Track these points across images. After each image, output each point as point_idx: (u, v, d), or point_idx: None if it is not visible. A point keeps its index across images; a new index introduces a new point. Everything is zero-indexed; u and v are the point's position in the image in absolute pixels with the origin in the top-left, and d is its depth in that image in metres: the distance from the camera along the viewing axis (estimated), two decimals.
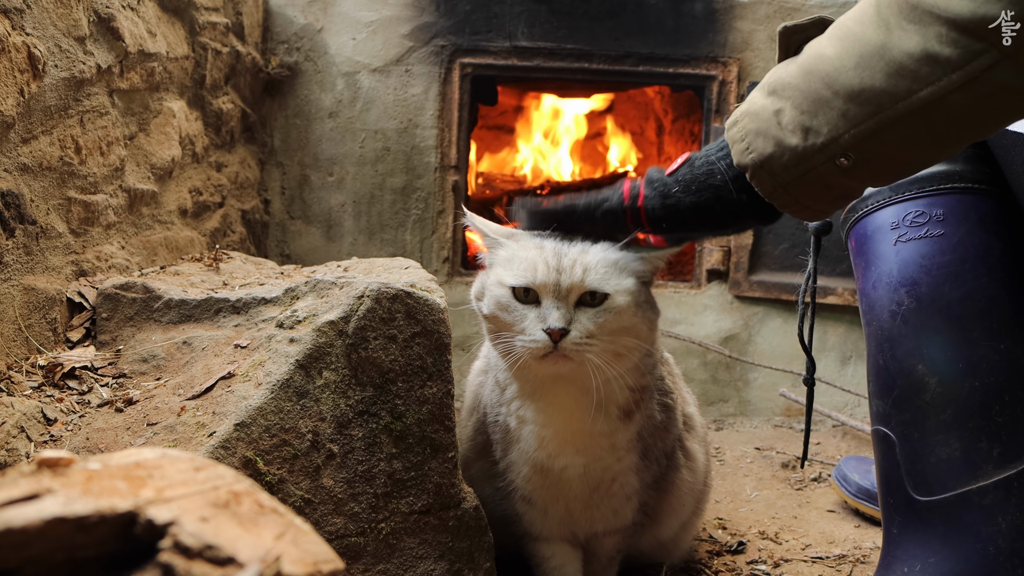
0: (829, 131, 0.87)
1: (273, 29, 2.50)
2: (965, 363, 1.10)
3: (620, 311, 1.07)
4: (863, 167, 0.89)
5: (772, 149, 0.91)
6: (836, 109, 0.87)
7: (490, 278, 1.12)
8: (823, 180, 0.91)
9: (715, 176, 0.99)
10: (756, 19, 2.45)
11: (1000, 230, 1.16)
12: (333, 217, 2.55)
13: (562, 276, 1.05)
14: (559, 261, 1.06)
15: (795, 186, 0.92)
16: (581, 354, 1.05)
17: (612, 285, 1.06)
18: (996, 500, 1.06)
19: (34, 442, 1.09)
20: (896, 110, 0.84)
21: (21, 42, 1.24)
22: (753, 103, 0.95)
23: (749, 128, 0.94)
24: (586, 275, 1.05)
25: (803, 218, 0.98)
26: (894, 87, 0.83)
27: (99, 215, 1.54)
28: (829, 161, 0.89)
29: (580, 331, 1.05)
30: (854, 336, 2.41)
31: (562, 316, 1.05)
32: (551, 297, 1.06)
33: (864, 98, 0.85)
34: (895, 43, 0.83)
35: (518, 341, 1.07)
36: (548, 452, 1.18)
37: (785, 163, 0.91)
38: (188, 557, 0.44)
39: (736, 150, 0.96)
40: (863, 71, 0.85)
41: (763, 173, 0.93)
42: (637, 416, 1.17)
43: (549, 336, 1.04)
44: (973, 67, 0.80)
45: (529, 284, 1.07)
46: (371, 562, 1.12)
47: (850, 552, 1.56)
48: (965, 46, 0.79)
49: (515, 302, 1.08)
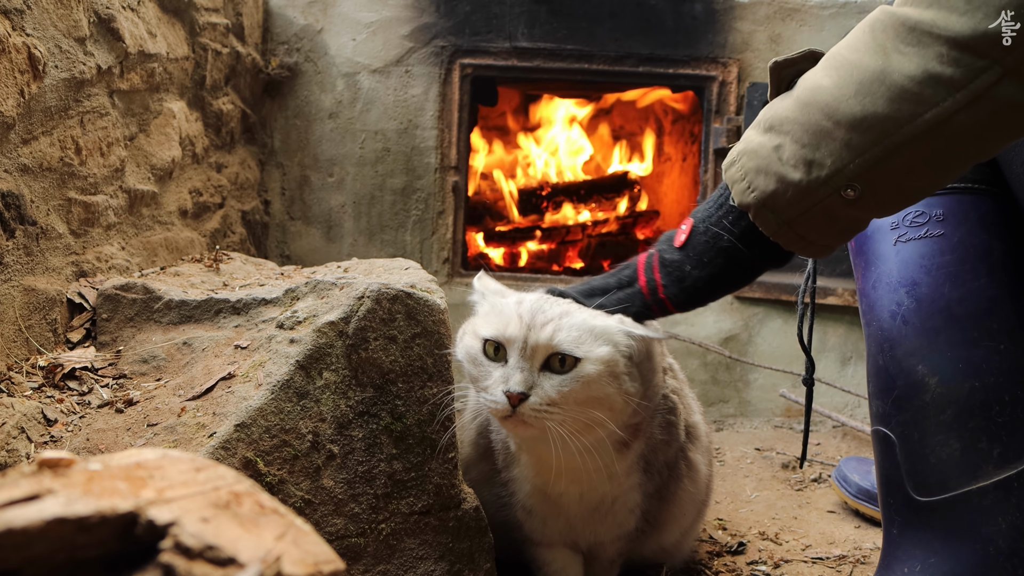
0: (833, 162, 0.85)
1: (273, 30, 2.51)
2: (965, 363, 1.10)
3: (589, 380, 0.99)
4: (869, 197, 0.87)
5: (775, 186, 0.89)
6: (839, 140, 0.85)
7: (469, 326, 1.09)
8: (829, 213, 0.88)
9: (722, 239, 0.96)
10: (756, 19, 2.45)
11: (1000, 230, 1.16)
12: (333, 218, 2.55)
13: (531, 333, 0.99)
14: (533, 318, 1.00)
15: (800, 222, 0.90)
16: (540, 421, 0.98)
17: (583, 350, 0.99)
18: (996, 500, 1.06)
19: (34, 443, 1.09)
20: (901, 135, 0.82)
21: (21, 43, 1.25)
22: (750, 141, 0.93)
23: (749, 167, 0.91)
24: (555, 335, 0.98)
25: (809, 255, 0.95)
26: (897, 112, 0.82)
27: (99, 216, 1.54)
28: (835, 193, 0.87)
29: (540, 397, 0.98)
30: (854, 336, 2.41)
31: (523, 379, 0.98)
32: (517, 356, 0.99)
33: (867, 125, 0.83)
34: (895, 67, 0.82)
35: (481, 398, 1.03)
36: (544, 479, 1.17)
37: (789, 199, 0.89)
38: (189, 557, 0.44)
39: (737, 190, 0.93)
40: (864, 98, 0.83)
41: (766, 211, 0.91)
42: (636, 444, 1.14)
43: (508, 399, 0.98)
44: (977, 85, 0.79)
45: (498, 337, 1.01)
46: (371, 563, 1.12)
47: (850, 553, 1.56)
48: (967, 64, 0.78)
49: (483, 357, 1.03)
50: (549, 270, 2.85)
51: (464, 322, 1.14)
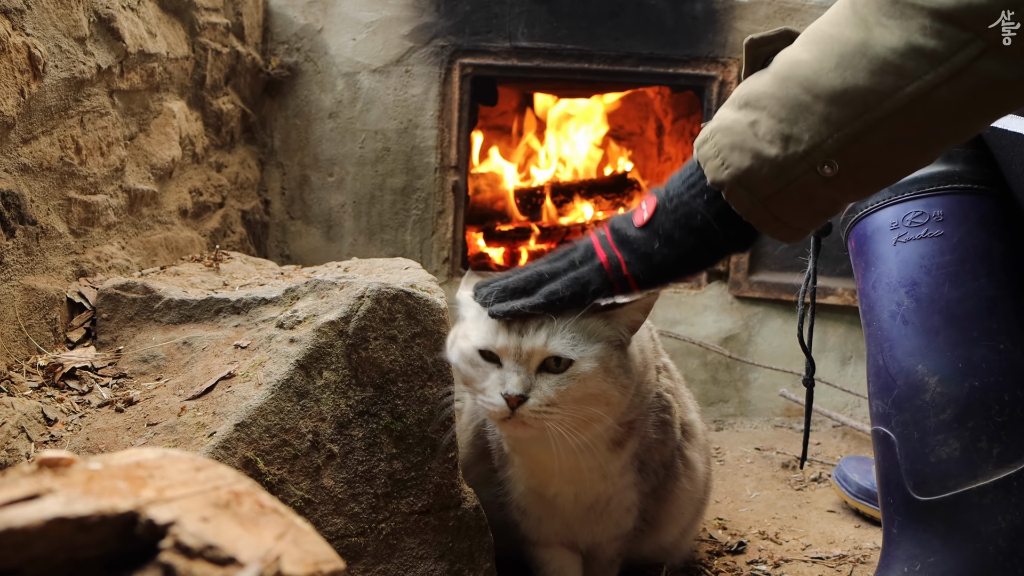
0: (811, 137, 0.83)
1: (273, 29, 2.50)
2: (965, 363, 1.10)
3: (585, 378, 0.99)
4: (847, 175, 0.85)
5: (750, 162, 0.86)
6: (817, 114, 0.83)
7: (461, 329, 1.08)
8: (805, 192, 0.86)
9: (694, 218, 0.92)
10: (756, 19, 2.45)
11: (1000, 230, 1.16)
12: (333, 217, 2.55)
13: (524, 340, 0.98)
14: (523, 324, 0.99)
15: (775, 200, 0.87)
16: (540, 422, 0.98)
17: (578, 351, 0.99)
18: (996, 500, 1.06)
19: (34, 442, 1.09)
20: (882, 109, 0.81)
21: (21, 42, 1.25)
22: (724, 118, 0.90)
23: (722, 143, 0.89)
24: (549, 340, 0.98)
25: (781, 238, 0.92)
26: (879, 84, 0.80)
27: (99, 215, 1.54)
28: (811, 170, 0.85)
29: (539, 398, 0.98)
30: (854, 336, 2.41)
31: (521, 382, 0.98)
32: (512, 360, 0.99)
33: (847, 99, 0.82)
34: (877, 39, 0.80)
35: (479, 400, 1.03)
36: (539, 480, 1.18)
37: (764, 176, 0.86)
38: (189, 557, 0.44)
39: (710, 167, 0.90)
40: (845, 71, 0.82)
41: (740, 189, 0.88)
42: (630, 443, 1.15)
43: (506, 402, 0.98)
44: (959, 58, 0.77)
45: (490, 347, 1.01)
46: (371, 562, 1.12)
47: (850, 552, 1.56)
48: (950, 37, 0.77)
49: (479, 357, 1.02)
50: None
51: (455, 325, 1.13)
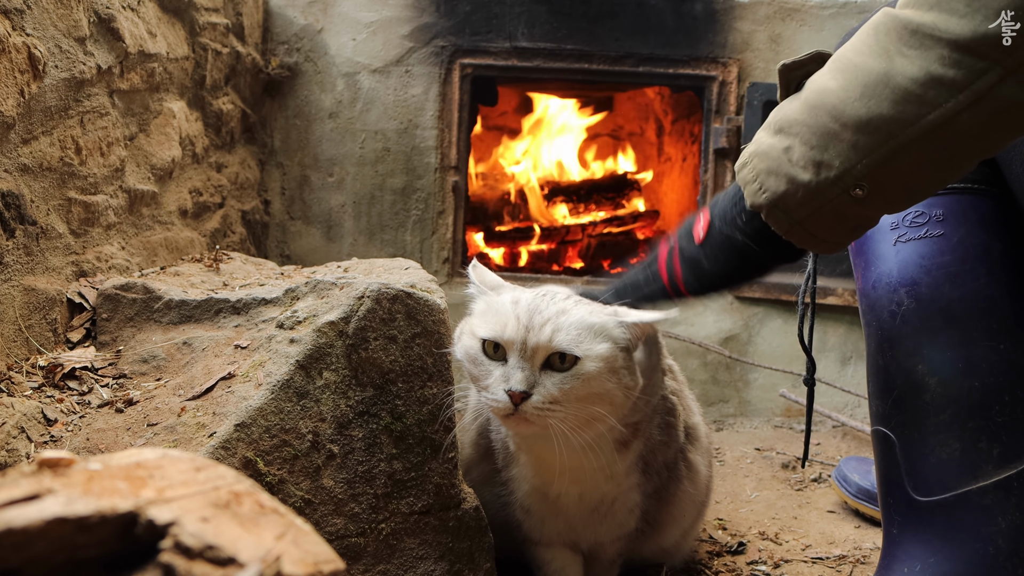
0: (841, 163, 0.88)
1: (273, 30, 2.50)
2: (965, 363, 1.10)
3: (589, 377, 1.00)
4: (877, 196, 0.89)
5: (785, 187, 0.92)
6: (846, 141, 0.87)
7: (467, 326, 1.09)
8: (839, 213, 0.91)
9: (735, 239, 1.00)
10: (756, 19, 2.45)
11: (1000, 230, 1.16)
12: (333, 218, 2.55)
13: (530, 334, 1.00)
14: (531, 319, 1.01)
15: (811, 221, 0.92)
16: (543, 419, 0.99)
17: (583, 349, 1.00)
18: (996, 500, 1.06)
19: (34, 442, 1.09)
20: (906, 136, 0.84)
21: (21, 43, 1.25)
22: (761, 143, 0.96)
23: (760, 168, 0.94)
24: (555, 336, 0.99)
25: (821, 251, 0.98)
26: (901, 113, 0.84)
27: (99, 216, 1.54)
28: (843, 193, 0.89)
29: (543, 395, 0.99)
30: (854, 337, 2.41)
31: (524, 378, 0.99)
32: (517, 356, 1.00)
33: (873, 127, 0.85)
34: (898, 70, 0.84)
35: (483, 396, 1.04)
36: (543, 480, 1.18)
37: (800, 200, 0.91)
38: (189, 557, 0.44)
39: (749, 191, 0.96)
40: (869, 100, 0.85)
41: (778, 212, 0.93)
42: (635, 444, 1.16)
43: (510, 398, 0.99)
44: (979, 86, 0.80)
45: (497, 339, 1.02)
46: (371, 562, 1.12)
47: (850, 552, 1.56)
48: (969, 66, 0.80)
49: (483, 356, 1.04)
50: (549, 270, 2.85)
51: (461, 320, 1.14)
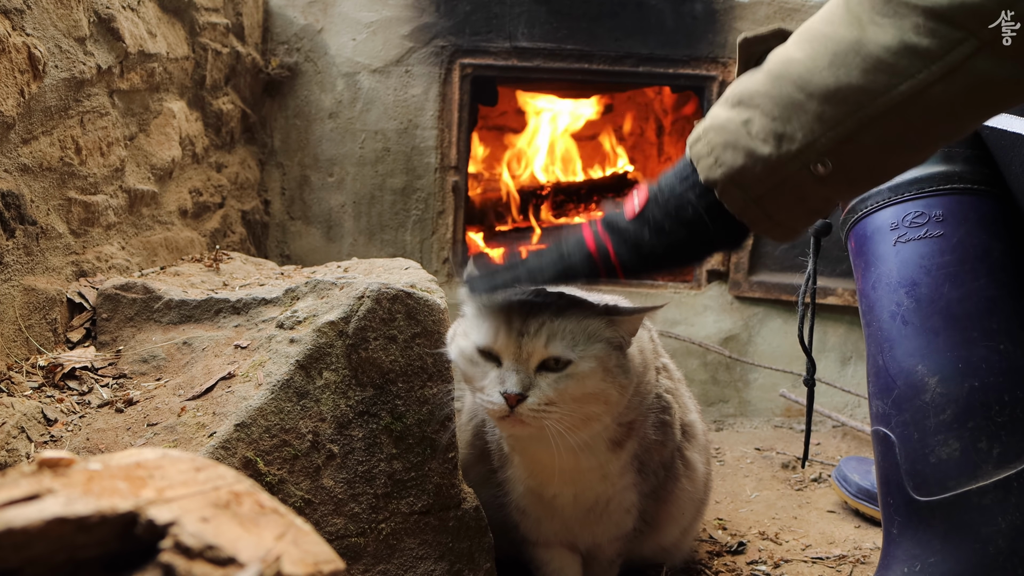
0: (804, 136, 0.83)
1: (273, 30, 2.50)
2: (964, 363, 1.10)
3: (584, 377, 1.00)
4: (840, 174, 0.85)
5: (743, 161, 0.86)
6: (811, 112, 0.83)
7: (461, 326, 1.09)
8: (799, 190, 0.86)
9: (686, 210, 0.92)
10: (756, 19, 2.45)
11: (1000, 231, 1.16)
12: (333, 218, 2.55)
13: (524, 340, 0.99)
14: (523, 324, 1.00)
15: (768, 199, 0.87)
16: (539, 420, 0.99)
17: (577, 351, 1.00)
18: (996, 500, 1.06)
19: (34, 442, 1.09)
20: (875, 107, 0.81)
21: (21, 43, 1.25)
22: (717, 116, 0.90)
23: (716, 141, 0.89)
24: (550, 342, 0.99)
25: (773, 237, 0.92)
26: (872, 83, 0.80)
27: (99, 215, 1.54)
28: (804, 168, 0.84)
29: (538, 398, 0.99)
30: (854, 337, 2.41)
31: (520, 381, 0.99)
32: (511, 359, 1.00)
33: (840, 97, 0.82)
34: (870, 38, 0.80)
35: (478, 398, 1.03)
36: (538, 481, 1.18)
37: (758, 174, 0.86)
38: (189, 557, 0.44)
39: (703, 166, 0.90)
40: (838, 69, 0.82)
41: (734, 187, 0.88)
42: (629, 443, 1.15)
43: (505, 400, 0.98)
44: (953, 56, 0.77)
45: (489, 347, 1.02)
46: (371, 562, 1.12)
47: (850, 552, 1.56)
48: (944, 35, 0.77)
49: (478, 356, 1.03)
50: None
51: (455, 322, 1.14)
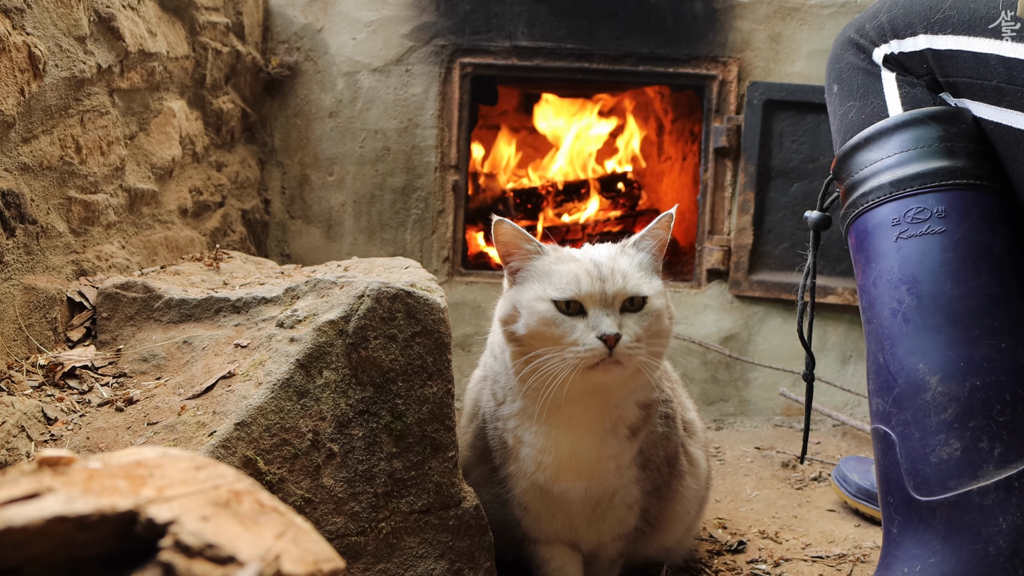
0: None
1: (273, 29, 2.50)
2: (966, 362, 1.10)
3: (659, 313, 1.11)
4: None
5: None
6: None
7: (525, 295, 1.11)
8: None
9: None
10: (756, 19, 2.45)
11: (1002, 227, 1.15)
12: (333, 217, 2.54)
13: (606, 284, 1.08)
14: (599, 270, 1.09)
15: None
16: (633, 358, 1.07)
17: (649, 288, 1.11)
18: (997, 500, 1.06)
19: (35, 441, 1.09)
20: None
21: (22, 42, 1.24)
22: None
23: None
24: (627, 281, 1.09)
25: None
26: None
27: (99, 215, 1.54)
28: None
29: (630, 335, 1.07)
30: (854, 335, 2.41)
31: (614, 322, 1.06)
32: (598, 306, 1.07)
33: None
34: None
35: (569, 353, 1.06)
36: (548, 476, 1.18)
37: None
38: (189, 556, 0.44)
39: None
40: None
41: None
42: (642, 433, 1.19)
43: (604, 342, 1.05)
44: None
45: (574, 296, 1.08)
46: (371, 561, 1.12)
47: (850, 551, 1.56)
48: None
49: (561, 315, 1.08)
50: None
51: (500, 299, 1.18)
